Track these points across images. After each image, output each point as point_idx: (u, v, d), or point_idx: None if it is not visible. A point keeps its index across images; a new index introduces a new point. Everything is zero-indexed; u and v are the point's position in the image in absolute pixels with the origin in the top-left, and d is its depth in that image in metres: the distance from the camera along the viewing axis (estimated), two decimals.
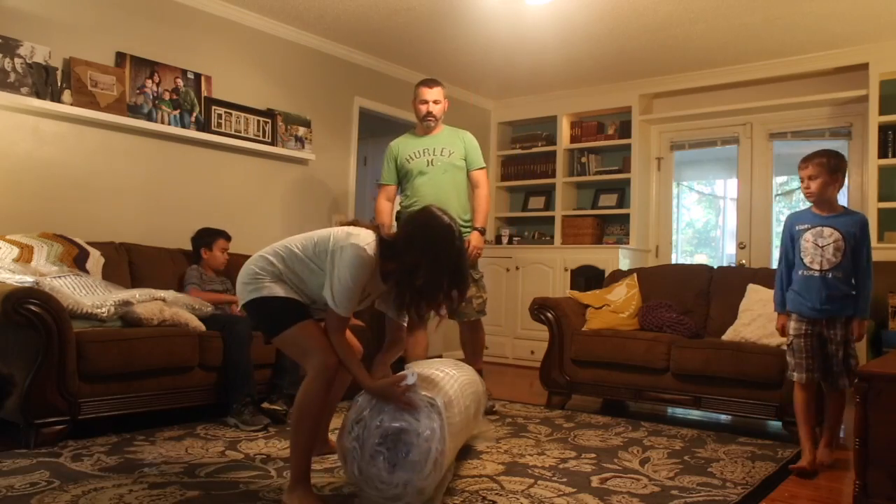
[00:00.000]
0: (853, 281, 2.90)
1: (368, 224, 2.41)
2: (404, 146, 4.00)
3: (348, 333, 2.44)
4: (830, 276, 2.88)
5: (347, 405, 2.36)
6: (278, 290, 2.34)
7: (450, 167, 3.92)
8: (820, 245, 2.90)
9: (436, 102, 3.94)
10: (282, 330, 2.32)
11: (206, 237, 3.96)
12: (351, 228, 2.35)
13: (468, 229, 3.92)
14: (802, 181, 2.96)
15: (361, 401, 2.22)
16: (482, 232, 3.95)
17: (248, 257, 4.62)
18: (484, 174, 4.06)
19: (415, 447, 2.07)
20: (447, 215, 2.32)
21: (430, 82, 3.99)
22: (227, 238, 4.01)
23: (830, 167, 2.89)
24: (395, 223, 3.98)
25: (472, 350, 4.00)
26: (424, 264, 2.20)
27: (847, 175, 3.13)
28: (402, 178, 3.99)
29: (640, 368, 3.83)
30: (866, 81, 4.88)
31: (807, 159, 2.95)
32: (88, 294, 3.11)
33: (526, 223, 6.74)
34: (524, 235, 6.56)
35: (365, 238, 2.26)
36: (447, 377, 2.47)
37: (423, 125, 3.99)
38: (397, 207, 4.13)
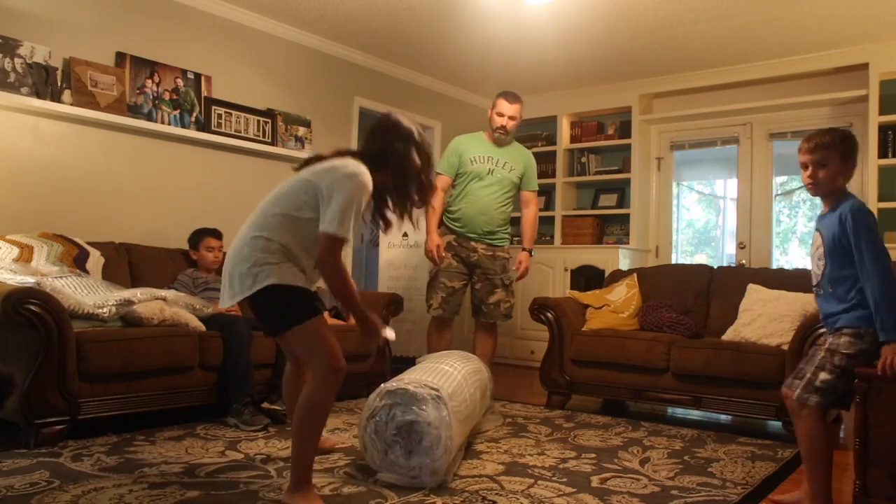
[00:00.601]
0: (851, 292, 2.21)
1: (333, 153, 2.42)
2: (472, 146, 4.07)
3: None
4: (820, 293, 2.33)
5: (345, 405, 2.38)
6: (288, 277, 2.23)
7: (507, 182, 4.05)
8: (813, 256, 2.37)
9: (511, 118, 4.02)
10: (294, 324, 2.22)
11: (193, 238, 3.96)
12: (332, 161, 2.32)
13: (505, 238, 4.11)
14: (805, 168, 2.30)
15: (371, 399, 2.51)
16: (531, 253, 4.16)
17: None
18: (535, 196, 4.23)
19: (426, 435, 2.39)
20: (403, 117, 2.47)
21: (511, 97, 4.04)
22: (216, 236, 3.97)
23: (843, 152, 2.26)
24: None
25: (484, 352, 4.07)
26: (405, 161, 2.37)
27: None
28: (458, 176, 4.05)
29: (640, 368, 3.83)
30: (866, 81, 4.88)
31: (811, 139, 2.29)
32: (90, 294, 3.11)
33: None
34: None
35: (354, 162, 2.30)
36: (453, 369, 2.78)
37: (494, 135, 4.06)
38: (445, 201, 4.13)
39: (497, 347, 4.24)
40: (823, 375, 2.20)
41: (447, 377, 2.69)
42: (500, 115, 4.01)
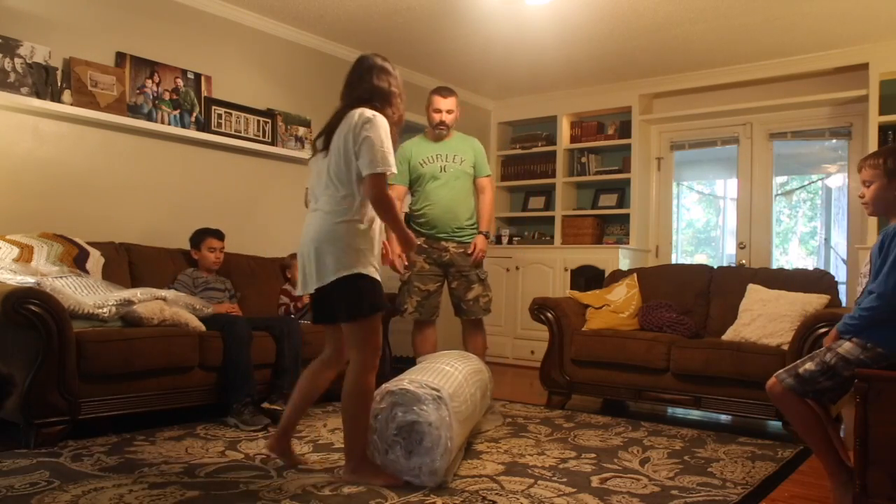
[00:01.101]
0: None
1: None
2: (418, 149, 4.04)
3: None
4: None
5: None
6: (373, 270, 2.46)
7: (461, 174, 4.01)
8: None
9: (449, 112, 3.97)
10: (369, 314, 2.42)
11: (195, 238, 3.96)
12: (356, 112, 2.47)
13: (473, 233, 4.03)
14: (865, 185, 2.36)
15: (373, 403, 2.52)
16: (487, 235, 4.06)
17: (247, 257, 4.63)
18: (490, 181, 4.17)
19: (427, 435, 2.40)
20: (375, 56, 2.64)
21: (444, 91, 4.01)
22: (218, 237, 3.97)
23: (888, 169, 2.28)
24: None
25: (475, 349, 4.04)
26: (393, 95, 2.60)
27: (848, 175, 2.81)
28: (413, 181, 4.03)
29: (640, 368, 3.83)
30: (866, 81, 4.88)
31: (864, 159, 2.37)
32: (90, 294, 3.11)
33: (526, 223, 6.74)
34: (524, 235, 6.56)
35: (360, 110, 2.47)
36: (454, 370, 2.78)
37: (434, 132, 4.03)
38: (405, 209, 4.15)
39: (487, 344, 4.24)
40: (809, 365, 2.26)
41: (448, 377, 2.68)
42: (437, 111, 3.97)
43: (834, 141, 5.46)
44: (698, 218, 6.97)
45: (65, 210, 3.79)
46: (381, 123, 2.44)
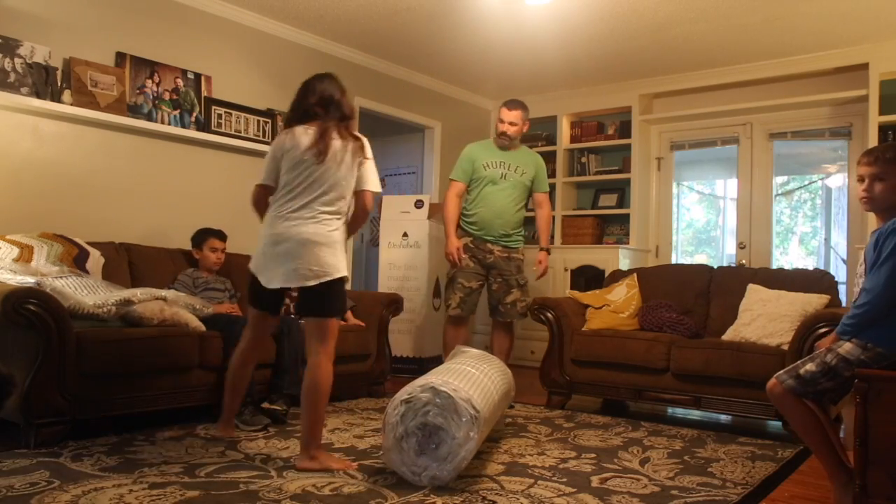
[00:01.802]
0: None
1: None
2: (484, 152, 4.22)
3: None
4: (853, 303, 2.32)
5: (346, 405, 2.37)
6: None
7: (519, 185, 4.20)
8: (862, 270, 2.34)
9: (512, 124, 4.14)
10: (338, 315, 2.75)
11: (197, 237, 3.96)
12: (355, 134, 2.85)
13: (519, 241, 4.25)
14: (861, 181, 2.30)
15: (413, 386, 2.50)
16: (548, 252, 4.34)
17: (247, 257, 4.63)
18: (547, 197, 4.40)
19: (445, 444, 2.39)
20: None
21: (511, 104, 4.19)
22: (220, 237, 3.97)
23: None
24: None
25: (500, 349, 4.26)
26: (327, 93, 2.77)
27: (848, 175, 2.80)
28: (471, 182, 4.21)
29: (640, 368, 3.83)
30: (866, 81, 4.87)
31: (872, 151, 2.30)
32: (90, 294, 3.11)
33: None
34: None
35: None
36: (491, 384, 2.79)
37: (498, 141, 4.21)
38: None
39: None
40: (810, 366, 2.24)
41: (487, 395, 2.65)
42: (502, 121, 4.16)
43: (834, 141, 5.46)
44: (698, 218, 6.98)
45: (65, 210, 3.79)
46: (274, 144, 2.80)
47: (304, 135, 2.69)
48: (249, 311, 2.92)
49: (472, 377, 2.66)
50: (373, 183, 2.80)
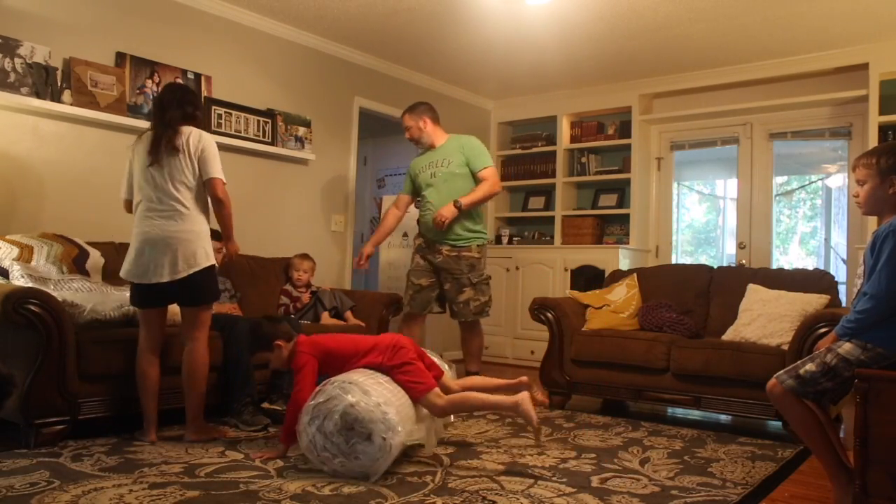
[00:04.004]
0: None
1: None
2: (417, 162, 4.39)
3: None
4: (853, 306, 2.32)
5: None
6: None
7: (450, 176, 4.20)
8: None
9: (406, 129, 4.33)
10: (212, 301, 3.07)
11: None
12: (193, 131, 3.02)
13: (470, 237, 4.20)
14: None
15: (301, 436, 2.56)
16: (457, 205, 4.09)
17: (247, 257, 4.63)
18: (489, 171, 4.27)
19: (361, 413, 2.46)
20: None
21: (402, 113, 4.38)
22: (219, 237, 3.96)
23: (882, 168, 2.26)
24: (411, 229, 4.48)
25: (468, 350, 4.25)
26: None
27: (848, 175, 2.78)
28: (418, 192, 4.38)
29: (640, 368, 3.83)
30: (866, 81, 4.88)
31: (857, 159, 2.35)
32: (90, 294, 3.11)
33: (526, 223, 6.74)
34: (524, 235, 6.56)
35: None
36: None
37: (417, 147, 4.42)
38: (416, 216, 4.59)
39: (487, 344, 4.55)
40: (810, 366, 2.24)
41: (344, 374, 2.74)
42: (402, 131, 4.37)
43: (834, 141, 5.46)
44: (698, 218, 6.98)
45: (65, 210, 3.79)
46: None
47: None
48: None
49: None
50: (215, 170, 3.05)
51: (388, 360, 2.77)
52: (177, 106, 2.96)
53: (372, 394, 2.52)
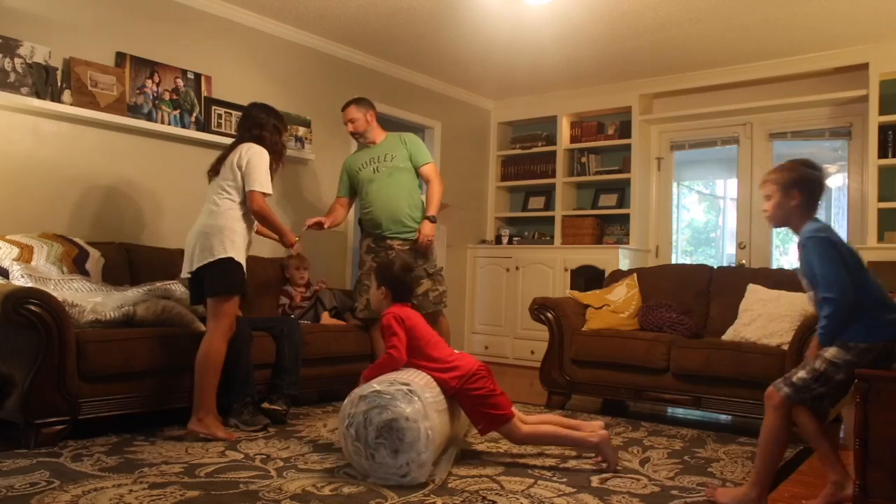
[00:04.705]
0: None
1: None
2: (354, 159, 4.31)
3: None
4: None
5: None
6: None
7: (394, 170, 4.15)
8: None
9: (351, 121, 4.22)
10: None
11: None
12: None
13: (417, 228, 4.10)
14: None
15: (344, 407, 2.51)
16: (432, 220, 4.10)
17: (247, 257, 4.63)
18: (432, 168, 4.27)
19: (407, 431, 2.39)
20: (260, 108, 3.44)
21: (345, 105, 4.26)
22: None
23: (783, 184, 2.40)
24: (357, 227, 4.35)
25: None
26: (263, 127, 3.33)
27: (848, 175, 2.83)
28: (358, 189, 4.25)
29: (640, 368, 3.83)
30: (866, 81, 4.88)
31: (763, 177, 2.50)
32: (90, 295, 3.11)
33: (526, 223, 6.74)
34: (524, 235, 6.56)
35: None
36: (414, 372, 2.73)
37: (358, 142, 4.34)
38: (358, 215, 4.41)
39: (487, 344, 4.39)
40: (802, 374, 2.28)
41: (416, 373, 2.68)
42: (345, 124, 4.25)
43: (834, 141, 5.46)
44: (698, 218, 6.98)
45: (65, 210, 3.79)
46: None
47: None
48: (238, 299, 3.20)
49: (388, 374, 2.67)
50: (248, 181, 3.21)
51: (459, 384, 2.73)
52: (245, 129, 3.33)
53: (429, 421, 2.44)
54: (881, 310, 2.23)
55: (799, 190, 2.38)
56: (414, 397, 2.45)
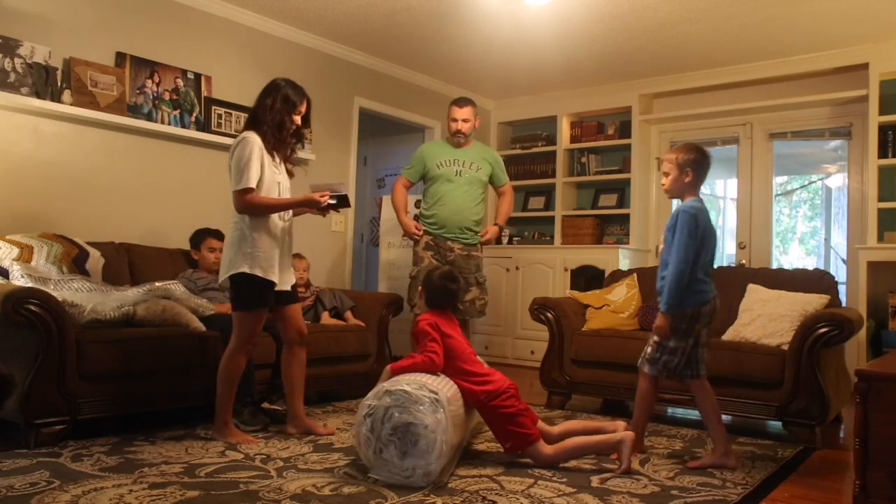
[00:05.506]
0: (664, 274, 2.85)
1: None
2: (436, 152, 4.36)
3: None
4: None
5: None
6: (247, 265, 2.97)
7: (475, 181, 4.31)
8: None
9: (465, 121, 4.29)
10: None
11: (195, 238, 3.96)
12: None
13: (477, 234, 4.30)
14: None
15: (368, 397, 2.52)
16: (501, 228, 4.42)
17: None
18: (509, 187, 4.56)
19: (422, 438, 2.39)
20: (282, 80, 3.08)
21: (461, 101, 4.33)
22: (218, 237, 3.94)
23: (680, 163, 2.88)
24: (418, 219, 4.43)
25: None
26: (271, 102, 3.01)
27: (848, 175, 3.00)
28: (427, 181, 4.35)
29: None
30: (866, 81, 4.88)
31: (663, 155, 3.00)
32: (90, 295, 3.11)
33: (526, 223, 6.74)
34: (524, 235, 6.56)
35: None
36: (444, 380, 2.70)
37: (453, 139, 4.35)
38: (414, 211, 4.56)
39: (488, 344, 4.49)
40: (647, 349, 2.84)
41: (446, 380, 2.68)
42: (454, 120, 4.30)
43: (834, 141, 5.46)
44: None
45: (65, 210, 3.79)
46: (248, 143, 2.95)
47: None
48: (259, 314, 3.01)
49: (419, 376, 2.64)
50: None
51: (487, 399, 2.73)
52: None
53: (447, 434, 2.42)
54: (696, 282, 2.74)
55: (692, 168, 2.86)
56: (439, 408, 2.45)
